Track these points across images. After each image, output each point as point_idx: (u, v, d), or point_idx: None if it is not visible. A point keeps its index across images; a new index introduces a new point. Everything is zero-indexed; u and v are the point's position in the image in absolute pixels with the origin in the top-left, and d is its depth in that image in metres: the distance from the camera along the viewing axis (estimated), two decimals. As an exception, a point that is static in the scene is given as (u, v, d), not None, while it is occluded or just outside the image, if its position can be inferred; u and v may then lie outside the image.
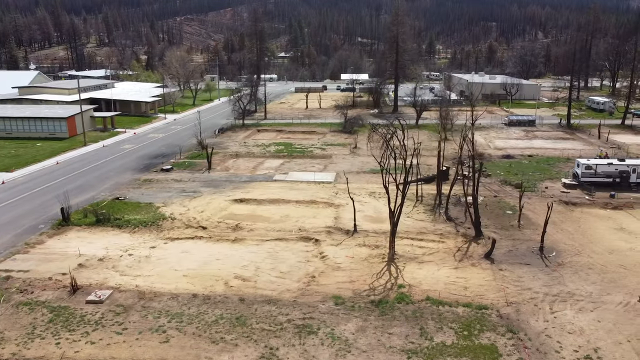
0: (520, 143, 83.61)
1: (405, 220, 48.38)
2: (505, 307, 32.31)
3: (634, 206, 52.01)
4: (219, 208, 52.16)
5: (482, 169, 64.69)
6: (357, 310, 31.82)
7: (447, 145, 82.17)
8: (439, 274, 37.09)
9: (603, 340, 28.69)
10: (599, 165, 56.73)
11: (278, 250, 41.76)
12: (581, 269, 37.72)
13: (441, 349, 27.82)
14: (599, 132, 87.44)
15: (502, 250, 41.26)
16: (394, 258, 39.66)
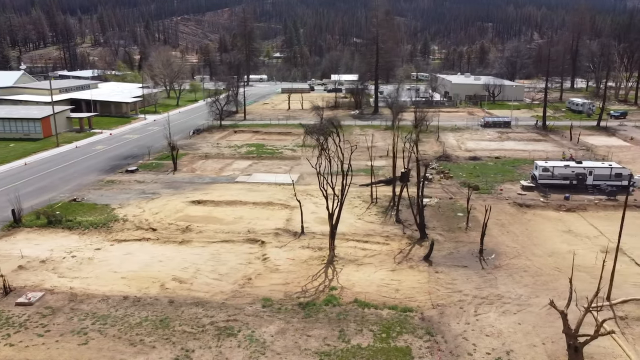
0: (491, 144, 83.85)
1: (356, 222, 48.72)
2: (430, 309, 32.56)
3: (587, 208, 52.27)
4: (175, 210, 52.41)
5: (446, 171, 65.27)
6: (282, 313, 32.07)
7: (422, 147, 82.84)
8: (374, 276, 37.34)
9: (518, 343, 28.96)
10: (556, 168, 56.97)
11: (222, 252, 42.03)
12: (516, 272, 37.98)
13: (355, 351, 28.08)
14: (570, 134, 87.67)
15: (443, 252, 41.54)
16: (334, 260, 39.91)
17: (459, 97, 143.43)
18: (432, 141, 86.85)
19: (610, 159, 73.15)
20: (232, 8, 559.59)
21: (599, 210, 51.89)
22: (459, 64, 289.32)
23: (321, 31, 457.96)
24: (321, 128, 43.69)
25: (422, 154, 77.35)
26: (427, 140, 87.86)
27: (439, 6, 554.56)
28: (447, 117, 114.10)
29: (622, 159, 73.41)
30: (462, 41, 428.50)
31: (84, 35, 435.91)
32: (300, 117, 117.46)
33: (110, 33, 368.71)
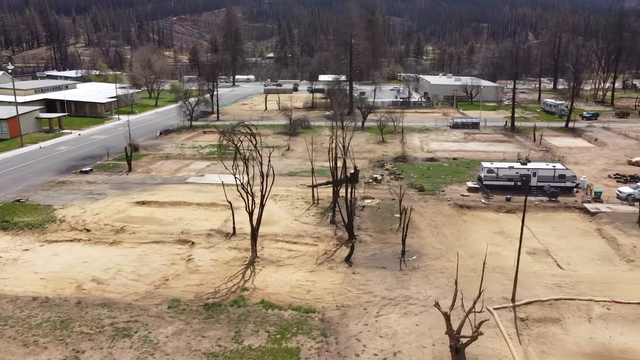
0: (454, 145, 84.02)
1: (291, 224, 48.95)
2: (334, 310, 32.78)
3: (527, 210, 52.33)
4: (117, 210, 52.64)
5: (397, 172, 65.48)
6: (185, 314, 32.30)
7: (384, 147, 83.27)
8: (291, 277, 37.57)
9: (409, 344, 29.18)
10: (500, 169, 57.15)
11: (149, 253, 42.26)
12: (433, 273, 38.20)
13: (244, 352, 28.31)
14: (534, 135, 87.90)
15: (368, 253, 41.78)
16: (255, 261, 40.15)
17: (437, 98, 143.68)
18: (396, 142, 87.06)
19: (567, 160, 73.47)
20: (229, 8, 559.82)
21: (539, 212, 52.10)
22: (449, 65, 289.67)
23: (315, 31, 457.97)
24: (232, 129, 43.70)
25: (382, 154, 78.05)
26: (392, 141, 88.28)
27: (435, 6, 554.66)
28: (419, 117, 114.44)
29: (580, 160, 73.67)
30: (456, 42, 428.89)
31: (78, 36, 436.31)
32: (275, 118, 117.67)
33: (101, 33, 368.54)
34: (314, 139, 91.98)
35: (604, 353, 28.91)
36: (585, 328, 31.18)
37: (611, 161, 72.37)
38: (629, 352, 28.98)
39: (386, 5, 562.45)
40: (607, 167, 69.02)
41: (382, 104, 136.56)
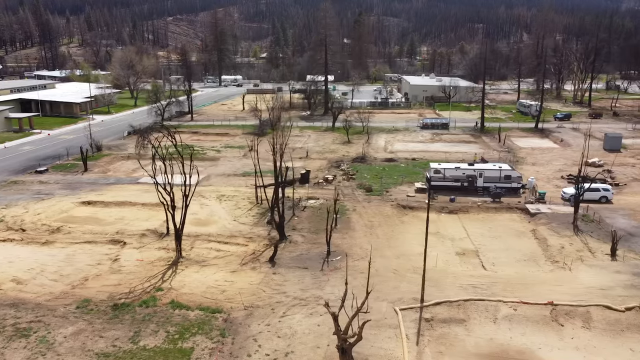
0: (419, 146, 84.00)
1: (229, 224, 49.02)
2: (241, 310, 32.81)
3: (469, 210, 52.49)
4: (60, 210, 52.69)
5: (351, 173, 65.50)
6: (91, 314, 32.34)
7: (348, 148, 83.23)
8: (211, 278, 37.61)
9: (304, 345, 29.22)
10: (447, 170, 57.15)
11: (78, 253, 42.31)
12: (352, 273, 38.03)
13: (137, 352, 28.35)
14: (499, 135, 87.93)
15: (295, 253, 41.82)
16: (179, 261, 40.18)
17: (416, 98, 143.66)
18: (361, 142, 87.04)
19: (526, 160, 73.55)
20: (226, 8, 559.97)
21: (480, 212, 52.11)
22: (440, 65, 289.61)
23: (310, 32, 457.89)
24: (146, 129, 43.69)
25: (344, 155, 78.05)
26: (358, 141, 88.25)
27: (432, 7, 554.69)
28: (394, 118, 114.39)
29: (539, 160, 73.67)
30: (451, 43, 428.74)
31: (72, 36, 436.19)
32: (250, 118, 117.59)
33: (92, 33, 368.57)
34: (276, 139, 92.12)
35: (500, 354, 28.94)
36: (489, 329, 31.20)
37: (569, 162, 72.28)
38: (526, 352, 29.01)
39: (383, 5, 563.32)
40: (563, 167, 69.00)
41: (360, 105, 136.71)
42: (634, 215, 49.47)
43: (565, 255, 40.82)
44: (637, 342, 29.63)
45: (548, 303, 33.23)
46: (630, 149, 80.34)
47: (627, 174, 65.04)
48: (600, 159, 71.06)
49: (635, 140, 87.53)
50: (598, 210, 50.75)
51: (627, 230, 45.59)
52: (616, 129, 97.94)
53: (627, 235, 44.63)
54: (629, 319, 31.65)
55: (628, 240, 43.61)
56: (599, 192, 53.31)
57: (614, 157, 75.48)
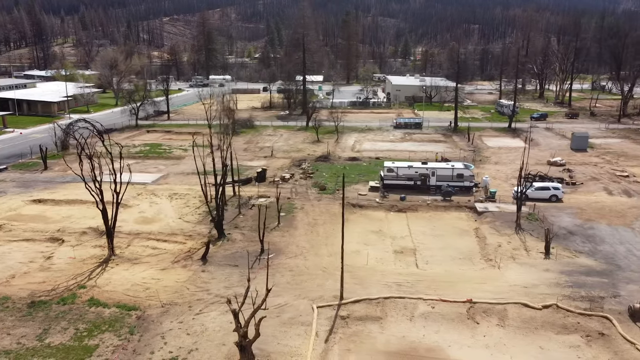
0: (387, 145, 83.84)
1: (173, 222, 48.89)
2: (157, 308, 32.64)
3: (418, 209, 52.32)
4: (9, 209, 52.56)
5: (310, 172, 65.31)
6: (4, 312, 32.17)
7: (316, 147, 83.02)
8: (138, 276, 37.43)
9: (210, 342, 29.05)
10: (400, 168, 56.96)
11: (14, 251, 42.16)
12: (282, 271, 38.05)
13: (40, 350, 28.21)
14: (468, 135, 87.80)
15: (230, 251, 41.69)
16: (111, 259, 40.01)
17: (398, 98, 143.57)
18: (331, 142, 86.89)
19: (490, 159, 73.42)
20: (223, 9, 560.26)
21: (429, 211, 51.93)
22: (432, 66, 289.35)
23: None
24: (68, 126, 43.57)
25: (309, 154, 77.87)
26: (328, 140, 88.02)
27: (429, 8, 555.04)
28: (371, 117, 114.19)
29: (502, 159, 73.54)
30: (447, 43, 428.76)
31: (67, 35, 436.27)
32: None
33: (83, 33, 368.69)
34: (255, 138, 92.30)
35: (409, 352, 28.75)
36: (403, 326, 31.01)
37: (533, 161, 71.91)
38: (435, 350, 28.83)
39: (380, 6, 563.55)
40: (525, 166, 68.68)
41: (341, 104, 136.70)
42: (580, 213, 49.30)
43: (500, 254, 40.67)
44: (548, 340, 29.45)
45: (467, 301, 33.05)
46: (598, 148, 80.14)
47: (586, 173, 64.86)
48: (562, 158, 70.88)
49: (606, 140, 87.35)
50: (546, 209, 50.60)
51: (568, 229, 45.42)
52: (590, 128, 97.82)
53: (567, 233, 44.48)
54: (545, 317, 31.47)
55: (567, 238, 43.45)
56: (549, 191, 53.17)
57: (580, 156, 75.48)
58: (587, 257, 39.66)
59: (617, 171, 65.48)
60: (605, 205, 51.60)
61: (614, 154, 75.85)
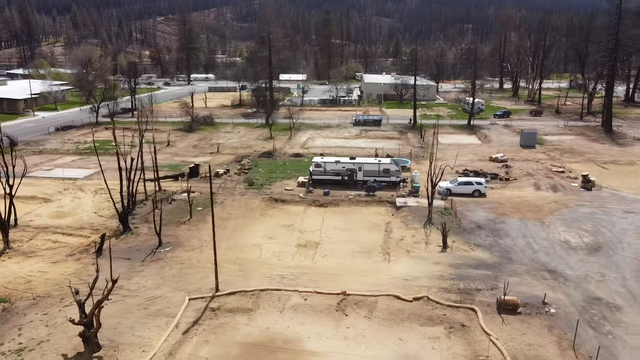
0: (339, 142, 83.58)
1: (88, 215, 48.86)
2: (28, 300, 32.46)
3: (340, 204, 52.07)
4: None
5: (246, 168, 65.12)
6: None
7: (266, 144, 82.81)
8: (26, 269, 37.27)
9: (65, 333, 28.85)
10: (327, 164, 56.74)
11: None
12: (172, 264, 37.88)
13: None
14: (421, 132, 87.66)
15: (129, 245, 41.63)
16: (5, 252, 39.83)
17: (371, 96, 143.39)
18: (285, 139, 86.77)
19: (435, 156, 73.04)
20: (218, 8, 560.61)
21: (351, 206, 51.69)
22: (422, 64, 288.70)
23: (297, 32, 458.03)
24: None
25: (255, 150, 77.69)
26: (282, 137, 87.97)
27: (425, 7, 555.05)
28: (336, 115, 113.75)
29: (447, 155, 72.89)
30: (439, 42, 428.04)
31: (59, 35, 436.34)
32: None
33: (71, 32, 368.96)
34: (211, 135, 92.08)
35: (266, 342, 28.52)
36: (271, 318, 30.78)
37: (477, 157, 71.98)
38: (292, 341, 28.61)
39: (376, 6, 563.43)
40: (467, 162, 68.57)
41: (310, 102, 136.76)
42: (496, 208, 49.06)
43: (398, 247, 40.46)
44: (410, 332, 29.22)
45: (341, 293, 32.81)
46: (548, 145, 79.85)
47: (524, 169, 64.61)
48: (504, 154, 70.63)
49: (560, 137, 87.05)
50: (466, 204, 50.39)
51: (478, 223, 45.18)
52: (549, 125, 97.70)
53: (475, 227, 44.26)
54: (414, 309, 31.23)
55: (472, 232, 43.22)
56: (472, 186, 52.95)
57: (527, 152, 75.26)
58: (483, 251, 39.41)
59: (555, 167, 65.21)
60: (525, 200, 51.35)
61: (561, 151, 75.58)
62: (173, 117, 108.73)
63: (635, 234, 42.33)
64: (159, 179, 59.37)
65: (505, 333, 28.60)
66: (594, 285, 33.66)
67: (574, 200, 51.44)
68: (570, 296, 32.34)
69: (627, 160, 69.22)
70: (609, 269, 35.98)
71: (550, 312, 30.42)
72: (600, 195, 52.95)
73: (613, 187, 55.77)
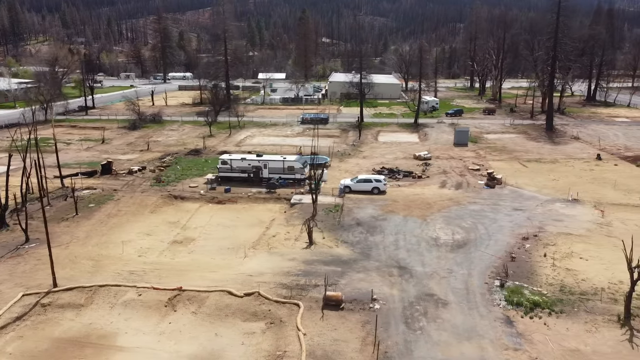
0: (276, 140, 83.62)
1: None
2: None
3: (238, 201, 52.02)
4: None
5: (163, 165, 64.86)
6: None
7: (201, 142, 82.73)
8: None
9: None
10: (234, 161, 56.70)
11: None
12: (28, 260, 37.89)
13: None
14: (359, 131, 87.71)
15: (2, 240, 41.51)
16: None
17: (335, 95, 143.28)
18: (224, 136, 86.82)
19: (363, 154, 73.19)
20: (213, 8, 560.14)
21: (248, 203, 51.65)
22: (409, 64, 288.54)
23: (287, 31, 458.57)
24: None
25: (186, 148, 77.58)
26: (222, 135, 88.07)
27: (420, 7, 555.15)
28: (289, 113, 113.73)
29: (374, 154, 73.42)
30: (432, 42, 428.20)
31: (47, 33, 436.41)
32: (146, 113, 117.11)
33: (54, 30, 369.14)
34: (146, 132, 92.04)
35: (80, 338, 28.45)
36: (99, 313, 30.73)
37: (404, 155, 71.92)
38: (107, 337, 28.57)
39: (371, 5, 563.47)
40: (389, 160, 68.52)
41: (271, 101, 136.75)
42: (388, 205, 48.95)
43: (264, 243, 40.44)
44: (229, 327, 29.15)
45: (177, 289, 32.75)
46: (483, 143, 79.75)
47: (442, 167, 64.52)
48: (428, 152, 70.61)
49: (501, 135, 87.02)
50: (360, 201, 50.33)
51: (360, 220, 45.09)
52: (495, 124, 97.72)
53: (354, 224, 44.17)
54: (242, 304, 31.15)
55: (349, 229, 43.11)
56: (371, 184, 52.86)
57: (457, 150, 75.25)
58: (347, 247, 39.31)
59: (475, 165, 65.11)
60: (422, 198, 51.25)
61: (492, 149, 75.48)
62: (126, 115, 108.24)
63: (510, 231, 42.25)
64: (70, 176, 59.46)
65: (318, 328, 28.53)
66: (436, 282, 33.57)
67: (471, 197, 51.36)
68: (406, 292, 32.26)
69: (551, 159, 69.12)
70: (461, 265, 35.88)
71: (374, 308, 30.35)
72: (500, 193, 52.87)
73: (518, 185, 55.70)
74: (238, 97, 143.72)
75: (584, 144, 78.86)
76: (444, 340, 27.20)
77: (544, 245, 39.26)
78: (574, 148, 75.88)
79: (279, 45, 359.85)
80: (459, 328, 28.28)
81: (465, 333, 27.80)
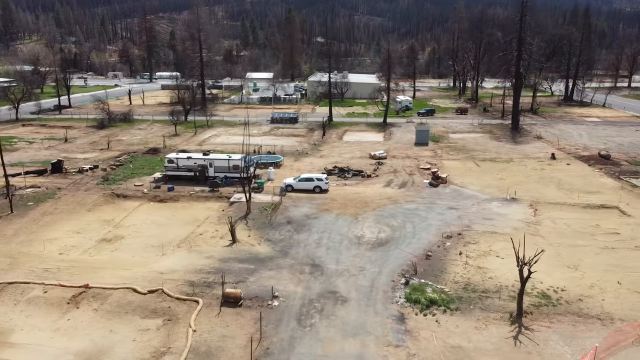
0: (242, 139, 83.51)
1: None
2: None
3: (180, 199, 52.21)
4: None
5: (117, 164, 65.06)
6: None
7: (164, 141, 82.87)
8: None
9: None
10: (180, 159, 56.92)
11: None
12: (-50, 257, 37.99)
13: None
14: (324, 130, 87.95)
15: None
16: None
17: (314, 94, 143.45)
18: (189, 135, 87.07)
19: (322, 153, 73.40)
20: (211, 7, 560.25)
21: (189, 201, 51.85)
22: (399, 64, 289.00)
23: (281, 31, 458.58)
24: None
25: (146, 147, 77.73)
26: (187, 134, 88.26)
27: (418, 7, 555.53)
28: (261, 112, 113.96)
29: (332, 153, 73.66)
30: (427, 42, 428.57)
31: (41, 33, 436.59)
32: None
33: (45, 29, 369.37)
34: (113, 131, 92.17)
35: (-22, 334, 28.65)
36: (2, 310, 30.93)
37: (361, 154, 72.08)
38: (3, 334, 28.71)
39: (369, 5, 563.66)
40: (345, 159, 68.70)
41: (249, 100, 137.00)
42: (325, 204, 49.13)
43: (190, 241, 40.65)
44: (126, 324, 29.32)
45: (83, 286, 32.95)
46: (444, 142, 79.90)
47: (394, 166, 64.70)
48: (383, 151, 70.76)
49: (465, 135, 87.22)
50: (299, 199, 50.53)
51: (292, 218, 45.28)
52: (464, 124, 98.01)
53: (284, 222, 44.37)
54: (144, 301, 31.36)
55: (277, 227, 43.33)
56: (313, 182, 53.07)
57: (417, 149, 75.38)
58: (268, 246, 39.51)
59: (427, 164, 65.28)
60: (361, 196, 51.42)
61: (451, 148, 75.64)
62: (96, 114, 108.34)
63: (436, 229, 42.42)
64: (15, 175, 59.51)
65: (211, 325, 28.74)
66: (344, 280, 33.76)
67: (410, 196, 51.54)
68: (310, 290, 32.45)
69: (507, 158, 69.29)
70: (375, 263, 36.06)
71: (272, 305, 30.54)
72: (440, 192, 53.05)
73: (462, 184, 55.88)
74: (216, 97, 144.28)
75: (545, 143, 79.05)
76: (330, 336, 27.40)
77: (465, 243, 39.46)
78: (533, 147, 76.05)
79: (272, 45, 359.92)
80: (349, 325, 28.47)
81: (354, 330, 27.99)
